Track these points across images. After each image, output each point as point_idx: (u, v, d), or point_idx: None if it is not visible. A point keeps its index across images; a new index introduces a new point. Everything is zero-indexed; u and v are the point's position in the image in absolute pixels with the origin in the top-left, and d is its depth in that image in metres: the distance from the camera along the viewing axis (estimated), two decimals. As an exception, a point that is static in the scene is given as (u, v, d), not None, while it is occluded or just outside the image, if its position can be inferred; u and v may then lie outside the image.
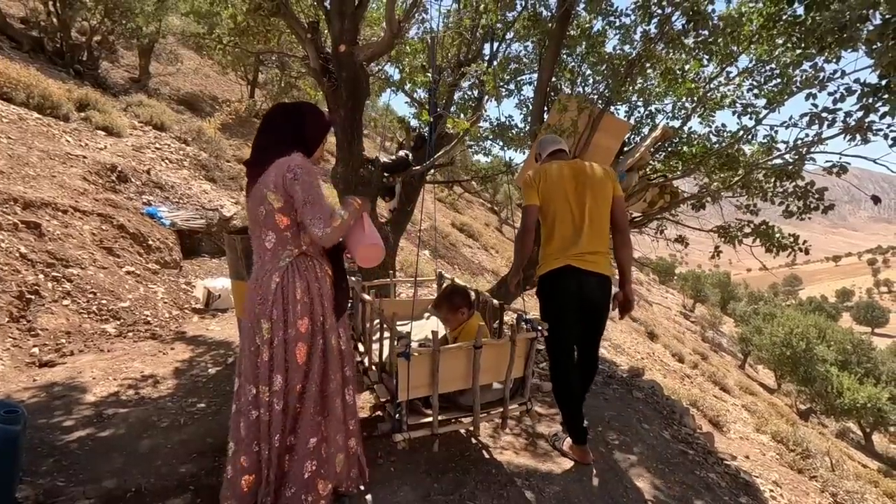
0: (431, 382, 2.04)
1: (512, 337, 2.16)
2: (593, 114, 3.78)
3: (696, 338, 28.37)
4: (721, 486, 2.50)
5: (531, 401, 2.32)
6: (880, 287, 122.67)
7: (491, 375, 2.20)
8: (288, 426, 1.78)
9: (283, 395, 1.74)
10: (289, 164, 1.67)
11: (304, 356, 1.76)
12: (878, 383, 22.93)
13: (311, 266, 1.79)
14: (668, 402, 3.72)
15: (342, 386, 1.89)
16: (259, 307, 1.74)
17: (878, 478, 11.11)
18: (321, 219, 1.66)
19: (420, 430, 2.05)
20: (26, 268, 4.00)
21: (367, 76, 3.63)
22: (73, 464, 2.10)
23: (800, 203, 3.71)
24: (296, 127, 1.80)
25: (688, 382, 14.51)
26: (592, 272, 2.39)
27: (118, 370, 3.22)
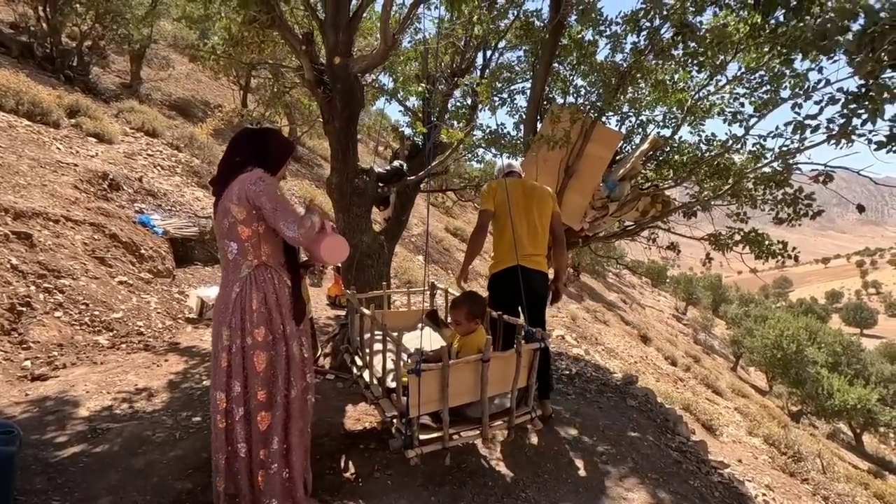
0: (441, 397, 2.05)
1: (518, 349, 2.17)
2: (585, 124, 3.83)
3: (688, 340, 28.54)
4: (714, 496, 2.53)
5: (535, 409, 2.33)
6: (868, 289, 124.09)
7: (498, 387, 2.21)
8: (254, 436, 1.83)
9: (243, 401, 1.81)
10: (251, 177, 1.78)
11: (262, 363, 1.83)
12: (867, 384, 23.19)
13: (269, 277, 1.87)
14: (661, 409, 3.75)
15: (304, 392, 1.95)
16: (221, 315, 1.85)
17: (869, 479, 11.23)
18: (293, 221, 1.75)
19: (431, 445, 2.06)
20: (17, 279, 3.97)
21: (361, 87, 3.64)
22: (67, 481, 2.09)
23: (790, 210, 3.77)
24: (259, 149, 1.90)
25: (681, 386, 14.58)
26: (535, 269, 3.01)
27: (111, 383, 3.20)
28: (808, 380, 22.44)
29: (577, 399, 3.58)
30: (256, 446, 1.82)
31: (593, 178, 3.96)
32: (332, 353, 3.78)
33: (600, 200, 3.96)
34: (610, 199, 3.95)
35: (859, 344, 30.58)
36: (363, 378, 2.60)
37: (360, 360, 2.74)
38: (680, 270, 54.23)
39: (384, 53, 3.26)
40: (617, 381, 4.23)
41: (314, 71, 3.56)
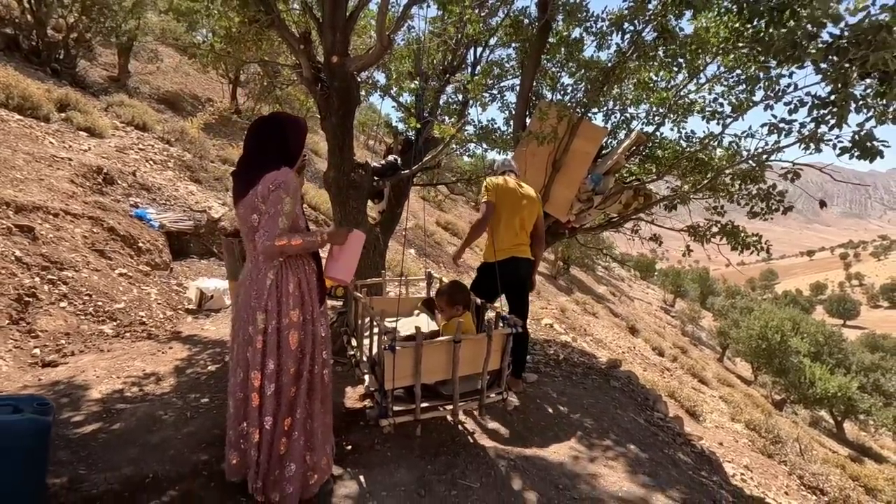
0: (415, 373, 2.25)
1: (488, 333, 2.37)
2: (572, 120, 4.01)
3: (676, 332, 29.04)
4: (687, 462, 2.75)
5: (507, 391, 2.53)
6: (851, 280, 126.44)
7: (469, 368, 2.40)
8: (282, 409, 1.99)
9: (276, 377, 1.97)
10: (276, 177, 1.90)
11: (296, 342, 2.00)
12: (848, 373, 23.78)
13: (300, 264, 2.04)
14: (642, 390, 3.98)
15: (323, 367, 2.13)
16: (255, 301, 1.97)
17: (845, 462, 11.66)
18: (268, 232, 1.88)
19: (404, 416, 2.27)
20: (22, 271, 4.08)
21: (357, 85, 3.79)
22: (90, 455, 2.25)
23: (763, 205, 3.99)
24: (281, 141, 2.00)
25: (667, 375, 14.91)
26: (524, 257, 3.49)
27: (120, 369, 3.34)
28: (791, 369, 22.98)
29: (563, 381, 3.80)
30: (283, 417, 1.99)
31: (579, 172, 4.15)
32: (332, 339, 3.94)
33: (586, 193, 4.16)
34: (595, 192, 4.15)
35: (840, 334, 31.33)
36: (355, 357, 2.80)
37: (356, 341, 2.93)
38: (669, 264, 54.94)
39: (380, 53, 3.41)
40: (602, 365, 4.45)
41: (312, 69, 3.71)
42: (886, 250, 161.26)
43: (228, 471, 2.06)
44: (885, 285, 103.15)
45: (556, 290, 19.25)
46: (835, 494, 6.76)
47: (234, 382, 2.02)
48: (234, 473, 2.06)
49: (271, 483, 1.98)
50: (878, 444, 21.43)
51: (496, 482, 2.30)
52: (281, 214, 1.87)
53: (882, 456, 19.06)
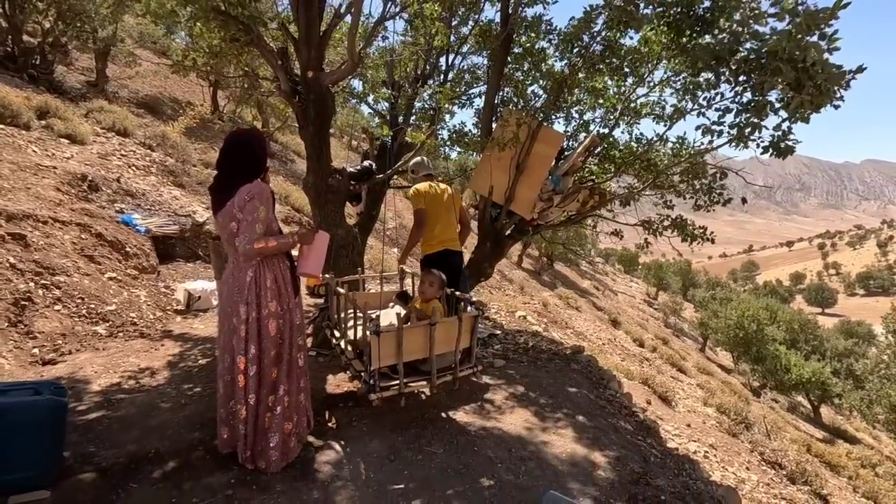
0: (397, 353, 2.59)
1: (459, 316, 2.71)
2: (532, 126, 4.36)
3: (658, 324, 29.72)
4: (627, 429, 3.12)
5: (477, 366, 2.89)
6: (829, 270, 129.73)
7: (444, 346, 2.75)
8: (264, 388, 2.30)
9: (258, 361, 2.29)
10: (250, 189, 2.22)
11: (275, 329, 2.32)
12: (822, 359, 24.61)
13: (276, 262, 2.36)
14: (599, 371, 4.35)
15: (298, 351, 2.46)
16: (237, 296, 2.29)
17: (812, 442, 12.27)
18: (247, 236, 2.20)
19: (389, 391, 2.61)
20: (17, 277, 4.30)
21: (332, 97, 4.09)
22: (96, 436, 2.52)
23: (706, 198, 4.39)
24: (251, 158, 2.32)
25: (646, 365, 15.41)
26: (456, 250, 4.02)
27: (116, 365, 3.61)
28: (767, 357, 23.71)
29: (528, 365, 4.16)
30: (266, 394, 2.30)
31: (540, 173, 4.50)
32: (314, 333, 4.24)
33: (547, 193, 4.51)
34: (555, 191, 4.50)
35: (815, 322, 32.35)
36: (339, 346, 3.12)
37: (339, 332, 3.25)
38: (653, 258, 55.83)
39: (351, 69, 3.72)
40: (566, 351, 4.82)
41: (289, 83, 4.00)
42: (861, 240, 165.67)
43: (220, 444, 2.37)
44: (861, 273, 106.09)
45: (540, 285, 19.67)
46: (791, 468, 7.24)
47: (222, 367, 2.33)
48: (225, 446, 2.37)
49: (258, 452, 2.29)
50: (853, 427, 22.21)
51: (457, 448, 2.64)
52: (257, 221, 2.18)
53: (856, 438, 19.83)
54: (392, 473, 2.40)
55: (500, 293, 12.97)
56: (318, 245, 2.51)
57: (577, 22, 3.85)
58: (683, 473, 2.72)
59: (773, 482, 6.84)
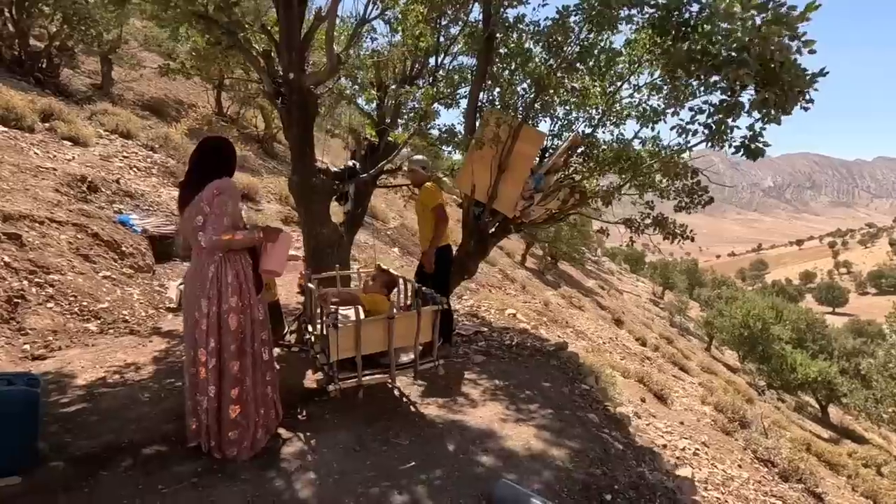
0: (356, 346, 2.67)
1: (418, 310, 2.79)
2: (512, 126, 4.41)
3: (664, 323, 29.56)
4: (595, 422, 3.17)
5: (439, 360, 2.96)
6: (840, 268, 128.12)
7: (404, 341, 2.84)
8: (226, 380, 2.40)
9: (217, 354, 2.38)
10: (219, 185, 2.33)
11: (235, 323, 2.41)
12: (830, 359, 24.32)
13: (238, 258, 2.45)
14: (579, 367, 4.40)
15: (262, 346, 2.54)
16: (199, 290, 2.39)
17: (812, 440, 12.20)
18: (215, 228, 2.30)
19: (349, 382, 2.69)
20: (11, 275, 4.43)
21: (314, 98, 4.17)
22: (75, 427, 2.62)
23: (688, 199, 4.42)
24: (221, 159, 2.46)
25: (647, 364, 15.36)
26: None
27: (103, 360, 3.72)
28: (773, 356, 23.48)
29: (508, 362, 4.22)
30: (229, 387, 2.39)
31: (523, 172, 4.55)
32: (297, 330, 4.33)
33: (528, 192, 4.56)
34: (536, 190, 4.55)
35: (823, 320, 32.02)
36: (310, 340, 3.21)
37: (311, 327, 3.34)
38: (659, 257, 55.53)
39: (330, 71, 3.80)
40: (550, 347, 4.88)
41: (273, 84, 4.09)
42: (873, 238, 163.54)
43: (189, 435, 2.46)
44: (873, 272, 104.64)
45: (544, 284, 19.66)
46: (784, 465, 7.23)
47: (187, 360, 2.44)
48: (193, 438, 2.45)
49: (227, 442, 2.38)
50: (862, 427, 21.94)
51: (423, 440, 2.71)
52: (225, 214, 2.28)
53: (865, 438, 19.61)
54: (356, 463, 2.48)
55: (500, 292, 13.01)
56: (282, 244, 2.60)
57: (551, 22, 3.91)
58: (642, 465, 2.77)
59: (765, 480, 6.83)
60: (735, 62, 3.12)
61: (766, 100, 3.10)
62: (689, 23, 3.69)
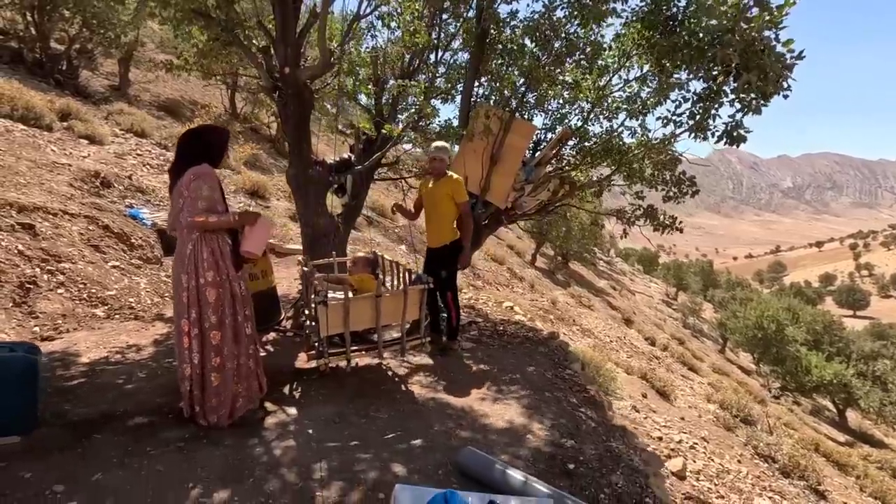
0: (345, 323, 2.81)
1: (405, 289, 2.91)
2: (503, 118, 4.51)
3: (677, 325, 29.27)
4: (572, 402, 3.26)
5: (426, 338, 3.09)
6: (861, 271, 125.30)
7: (391, 318, 2.97)
8: (207, 349, 2.55)
9: (199, 324, 2.55)
10: (197, 170, 2.50)
11: (214, 296, 2.57)
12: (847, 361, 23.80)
13: (214, 238, 2.61)
14: (566, 354, 4.47)
15: (245, 321, 2.68)
16: (179, 266, 2.59)
17: (822, 440, 12.03)
18: (190, 210, 2.47)
19: (337, 357, 2.83)
20: (24, 262, 4.65)
21: (310, 92, 4.32)
22: (74, 398, 2.79)
23: (676, 189, 4.48)
24: (202, 146, 2.62)
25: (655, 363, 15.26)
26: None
27: (107, 342, 3.90)
28: (787, 358, 23.09)
29: (498, 348, 4.31)
30: (210, 355, 2.55)
31: (514, 164, 4.65)
32: (294, 316, 4.48)
33: (520, 183, 4.66)
34: (527, 181, 4.65)
35: (840, 322, 31.37)
36: (306, 321, 3.35)
37: (307, 310, 3.48)
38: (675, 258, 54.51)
39: (324, 65, 3.94)
40: (541, 337, 4.95)
41: (269, 79, 4.24)
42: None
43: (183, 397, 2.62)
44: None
45: (553, 284, 19.63)
46: (784, 461, 7.19)
47: (175, 331, 2.59)
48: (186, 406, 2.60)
49: (209, 409, 2.52)
50: (881, 432, 21.45)
51: (402, 415, 2.83)
52: (200, 198, 2.44)
53: (884, 443, 19.19)
54: (334, 433, 2.60)
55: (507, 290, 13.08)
56: (261, 228, 2.74)
57: (537, 16, 4.01)
58: (612, 440, 2.84)
59: (765, 475, 6.79)
60: (720, 43, 3.19)
61: (748, 85, 3.15)
62: (677, 17, 3.76)
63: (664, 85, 3.79)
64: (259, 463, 2.31)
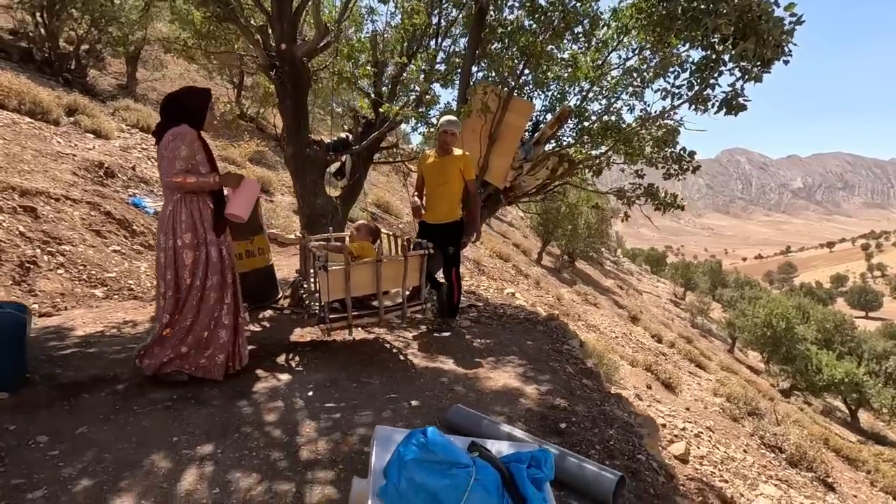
0: (346, 288, 2.80)
1: (405, 254, 2.90)
2: (502, 96, 4.48)
3: (685, 324, 28.98)
4: (567, 372, 3.20)
5: (426, 304, 3.07)
6: (873, 271, 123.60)
7: (391, 284, 2.96)
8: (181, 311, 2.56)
9: (174, 286, 2.55)
10: (175, 131, 2.51)
11: (190, 259, 2.58)
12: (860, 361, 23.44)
13: (194, 200, 2.60)
14: (564, 332, 4.41)
15: (220, 287, 2.66)
16: (160, 226, 2.61)
17: (831, 435, 11.83)
18: (167, 170, 2.49)
19: (338, 323, 2.83)
20: (25, 243, 4.68)
21: (307, 70, 4.31)
22: (66, 364, 2.78)
23: (676, 166, 4.41)
24: (180, 108, 2.62)
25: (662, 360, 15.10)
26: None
27: (104, 318, 3.90)
28: (797, 356, 22.77)
29: (495, 327, 4.27)
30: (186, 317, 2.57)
31: (513, 143, 4.61)
32: (292, 295, 4.47)
33: (518, 162, 4.62)
34: (526, 160, 4.60)
35: (852, 322, 30.91)
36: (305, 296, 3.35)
37: (306, 284, 3.48)
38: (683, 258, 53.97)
39: (318, 40, 3.93)
40: (540, 318, 4.90)
41: (266, 57, 4.24)
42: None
43: None
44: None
45: (559, 282, 19.52)
46: (792, 451, 7.07)
47: (157, 289, 2.64)
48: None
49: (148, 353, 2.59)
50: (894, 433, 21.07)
51: (394, 381, 2.80)
52: (178, 158, 2.44)
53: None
54: (324, 396, 2.57)
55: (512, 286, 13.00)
56: (247, 190, 2.71)
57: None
58: (607, 405, 2.79)
59: (771, 465, 6.67)
60: (713, 13, 3.14)
61: (746, 51, 3.10)
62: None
63: (663, 59, 3.74)
64: (246, 421, 2.29)
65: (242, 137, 14.00)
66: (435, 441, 1.41)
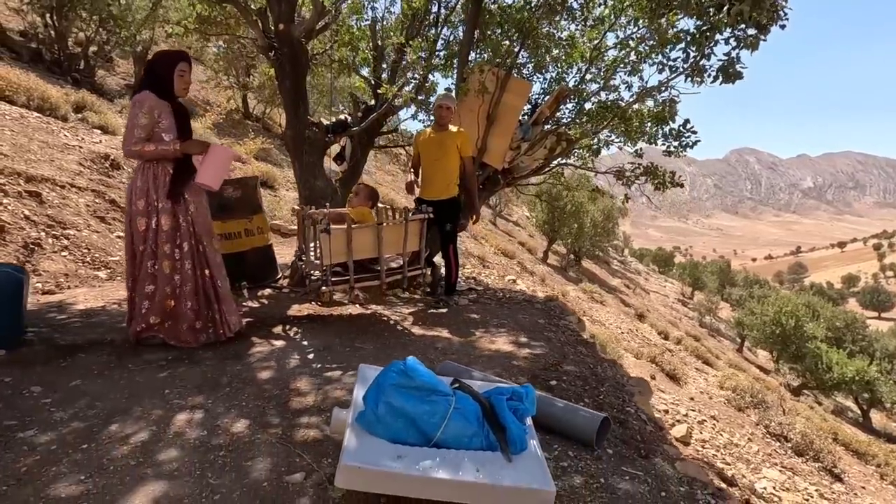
0: (347, 251, 2.83)
1: (405, 218, 2.94)
2: (499, 76, 4.49)
3: (693, 323, 28.75)
4: (561, 340, 3.20)
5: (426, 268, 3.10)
6: (886, 272, 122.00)
7: (392, 248, 3.00)
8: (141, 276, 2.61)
9: (130, 251, 2.62)
10: (135, 98, 2.52)
11: (143, 226, 2.59)
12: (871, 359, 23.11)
13: (152, 167, 2.59)
14: (563, 311, 4.41)
15: (175, 256, 2.64)
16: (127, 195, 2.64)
17: (840, 429, 11.66)
18: (126, 139, 2.50)
19: (340, 286, 2.86)
20: (30, 226, 4.76)
21: (306, 51, 4.35)
22: (66, 331, 2.83)
23: (676, 143, 4.40)
24: (146, 72, 2.62)
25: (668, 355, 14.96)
26: None
27: (106, 295, 3.96)
28: (807, 354, 22.50)
29: (493, 305, 4.27)
30: (141, 284, 2.61)
31: (510, 123, 4.62)
32: (291, 275, 4.50)
33: (516, 142, 4.62)
34: (524, 140, 4.61)
35: (863, 320, 30.50)
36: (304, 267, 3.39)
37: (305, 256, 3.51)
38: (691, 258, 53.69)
39: (316, 18, 3.97)
40: (539, 299, 4.90)
41: (265, 38, 4.29)
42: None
43: None
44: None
45: (565, 280, 19.44)
46: (798, 440, 6.98)
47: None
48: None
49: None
50: (910, 433, 20.70)
51: (388, 347, 2.81)
52: (137, 126, 2.46)
53: (913, 444, 18.54)
54: (317, 359, 2.59)
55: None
56: (217, 158, 2.62)
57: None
58: (599, 368, 2.78)
59: (776, 453, 6.60)
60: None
61: (742, 13, 3.08)
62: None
63: (658, 29, 3.73)
64: (238, 378, 2.31)
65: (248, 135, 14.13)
66: (415, 368, 1.42)
